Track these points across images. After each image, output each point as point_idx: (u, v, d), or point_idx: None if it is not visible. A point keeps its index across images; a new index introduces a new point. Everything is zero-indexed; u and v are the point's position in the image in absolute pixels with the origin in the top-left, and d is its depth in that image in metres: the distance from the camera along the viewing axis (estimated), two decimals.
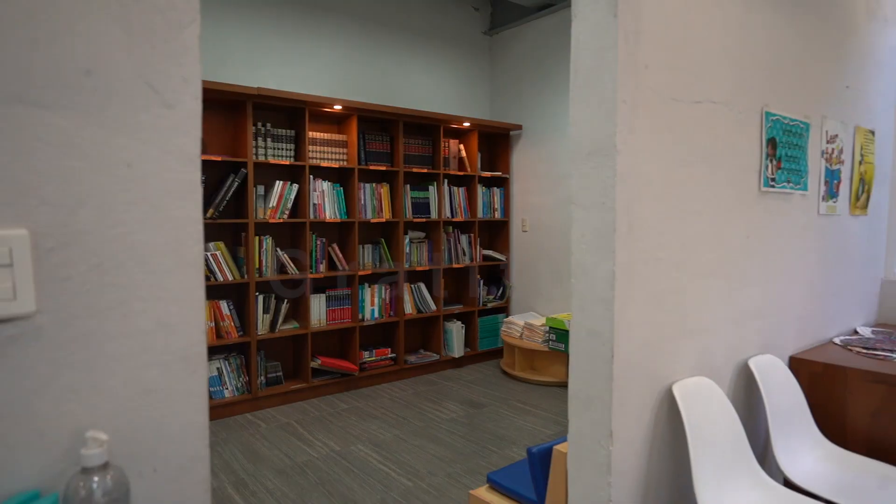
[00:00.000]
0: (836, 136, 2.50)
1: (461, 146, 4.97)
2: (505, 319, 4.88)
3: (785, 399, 2.10)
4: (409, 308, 4.64)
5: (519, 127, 5.09)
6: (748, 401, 2.10)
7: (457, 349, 4.85)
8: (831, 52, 2.43)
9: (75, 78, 0.75)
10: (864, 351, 2.33)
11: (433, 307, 4.76)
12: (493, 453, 3.19)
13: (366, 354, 4.40)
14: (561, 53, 4.73)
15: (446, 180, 4.82)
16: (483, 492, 2.14)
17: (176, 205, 0.85)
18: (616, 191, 1.54)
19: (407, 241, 4.59)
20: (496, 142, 5.30)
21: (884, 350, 2.32)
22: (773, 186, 2.13)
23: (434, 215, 4.70)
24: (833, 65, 2.45)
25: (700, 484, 1.68)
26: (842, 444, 2.13)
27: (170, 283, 0.84)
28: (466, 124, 4.80)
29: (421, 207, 4.65)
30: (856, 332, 2.73)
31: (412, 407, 3.95)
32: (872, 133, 2.80)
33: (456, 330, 4.84)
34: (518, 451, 3.23)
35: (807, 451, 2.05)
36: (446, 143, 4.81)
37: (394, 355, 4.55)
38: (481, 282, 5.18)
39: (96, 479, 0.74)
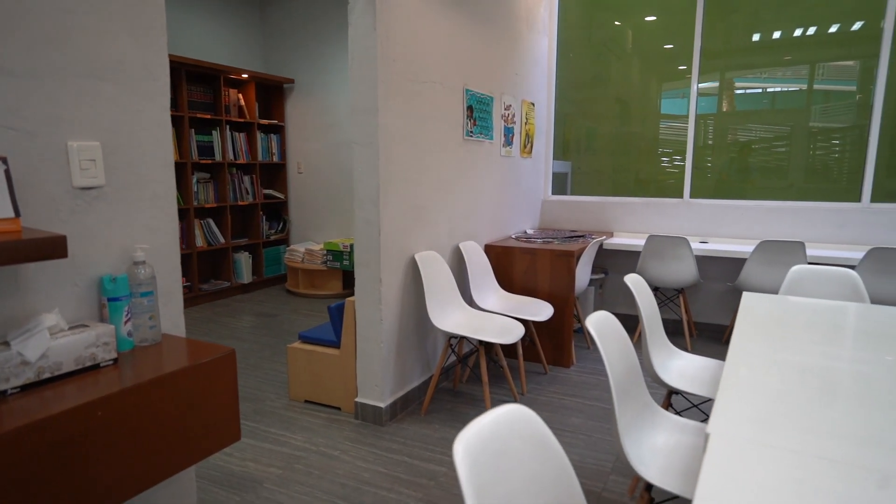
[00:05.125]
0: (511, 105, 3.95)
1: (240, 95, 5.51)
2: (287, 248, 5.72)
3: (480, 266, 3.49)
4: (199, 241, 5.15)
5: (292, 80, 5.82)
6: (459, 266, 3.44)
7: (246, 276, 5.54)
8: (506, 51, 3.83)
9: (115, 64, 1.48)
10: (526, 241, 3.88)
11: (222, 240, 5.34)
12: (294, 340, 4.12)
13: None
14: (329, 16, 5.56)
15: (228, 126, 5.35)
16: (297, 345, 3.10)
17: (162, 131, 1.62)
18: (378, 135, 2.60)
19: (195, 180, 5.06)
20: (272, 93, 5.94)
21: (538, 240, 3.90)
22: (471, 136, 3.43)
23: (218, 157, 5.22)
24: (507, 59, 3.86)
25: (431, 310, 2.91)
26: (509, 290, 3.63)
27: (160, 175, 1.62)
28: (245, 76, 5.36)
29: (206, 150, 5.13)
30: (525, 232, 4.35)
31: (213, 322, 4.61)
32: (533, 104, 4.38)
33: (244, 260, 5.52)
34: None
35: (490, 293, 3.48)
36: (227, 92, 5.31)
37: (189, 283, 5.06)
38: (264, 217, 5.89)
39: (142, 268, 1.53)
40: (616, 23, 4.67)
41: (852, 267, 3.46)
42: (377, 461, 2.44)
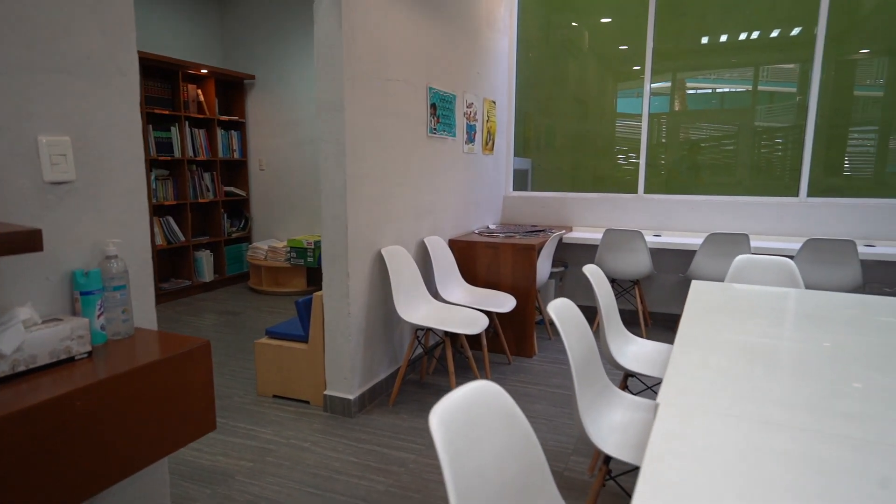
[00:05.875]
0: (472, 103, 4.05)
1: (199, 91, 5.42)
2: (250, 246, 5.67)
3: (444, 260, 3.57)
4: (159, 240, 5.06)
5: (252, 76, 5.76)
6: (424, 260, 3.51)
7: (207, 274, 5.47)
8: (468, 50, 3.91)
9: (84, 59, 1.49)
10: (489, 235, 3.99)
11: (182, 238, 5.26)
12: (260, 337, 4.11)
13: None
14: (290, 12, 5.54)
15: (187, 122, 5.26)
16: (264, 340, 3.11)
17: (132, 126, 1.63)
18: (345, 132, 2.65)
19: (154, 177, 4.96)
20: (232, 88, 5.86)
21: (500, 234, 4.01)
22: (435, 134, 3.50)
23: (178, 154, 5.14)
24: (469, 58, 3.95)
25: (398, 303, 2.98)
26: (473, 283, 3.73)
27: (131, 170, 1.63)
28: (204, 71, 5.28)
29: (165, 147, 5.04)
30: (488, 227, 4.45)
31: (175, 321, 4.55)
32: (494, 103, 4.48)
33: (205, 258, 5.45)
34: None
35: (455, 286, 3.57)
36: (185, 88, 5.23)
37: None
38: (225, 214, 5.82)
39: (114, 262, 1.55)
40: (573, 24, 4.82)
41: (791, 257, 3.69)
42: (347, 451, 2.49)
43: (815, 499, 0.84)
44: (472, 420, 1.00)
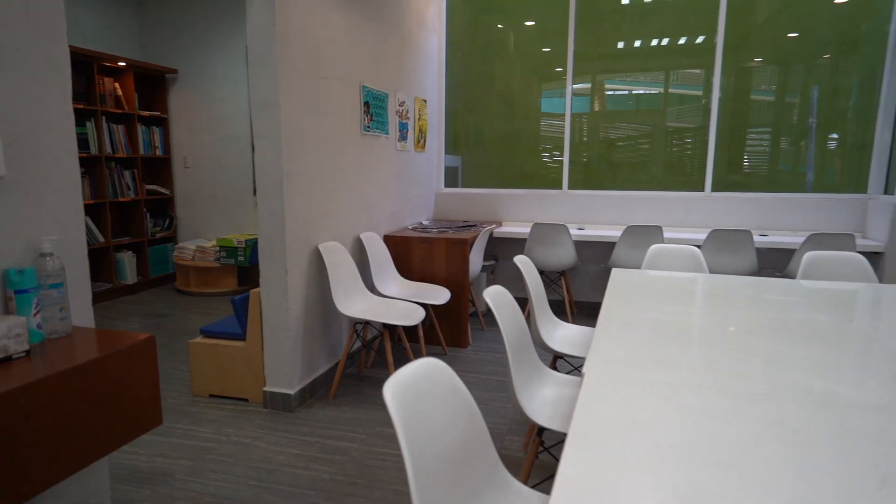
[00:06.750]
0: (404, 102, 4.14)
1: (117, 84, 5.18)
2: (176, 246, 5.48)
3: (380, 255, 3.64)
4: None
5: (175, 71, 5.56)
6: (361, 256, 3.57)
7: (130, 276, 5.25)
8: (399, 49, 4.00)
9: (14, 53, 1.46)
10: (423, 231, 4.09)
11: (101, 239, 5.01)
12: (191, 338, 4.01)
13: None
14: (209, 6, 5.39)
15: (104, 117, 5.02)
16: (200, 340, 3.07)
17: (65, 121, 1.60)
18: (280, 129, 2.67)
19: None
20: (153, 83, 5.63)
21: (434, 230, 4.12)
22: (369, 131, 3.57)
23: (94, 150, 4.89)
24: (400, 58, 4.03)
25: (336, 298, 3.03)
26: (409, 277, 3.83)
27: (64, 166, 1.61)
28: (121, 64, 5.05)
29: (80, 143, 4.78)
30: (421, 223, 4.56)
31: (98, 326, 4.34)
32: (425, 101, 4.59)
33: (127, 259, 5.22)
34: None
35: (391, 281, 3.65)
36: (101, 81, 4.98)
37: None
38: (148, 214, 5.59)
39: (49, 260, 1.53)
40: (499, 25, 5.01)
41: (698, 246, 4.05)
42: (290, 444, 2.53)
43: (711, 438, 1.00)
44: (421, 392, 1.10)
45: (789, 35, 4.39)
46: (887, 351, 1.51)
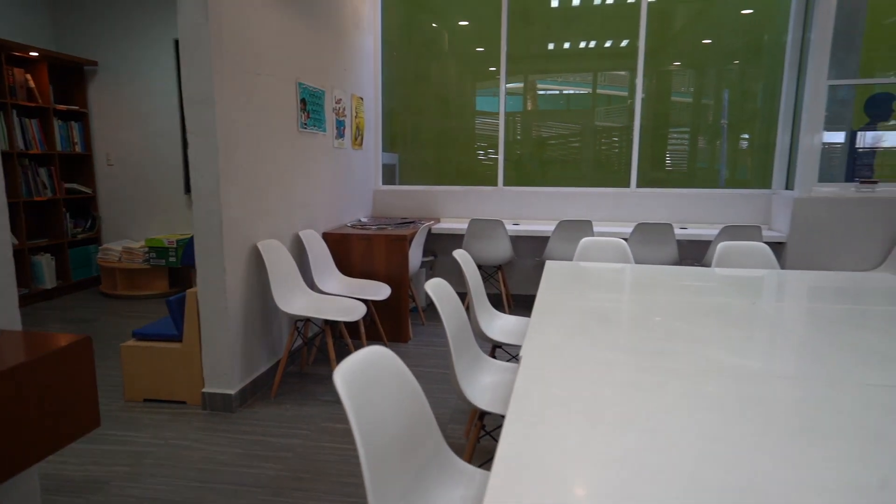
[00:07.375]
0: (341, 99, 4.14)
1: (28, 76, 4.86)
2: (100, 248, 5.22)
3: (319, 253, 3.64)
4: None
5: (94, 63, 5.28)
6: (300, 253, 3.55)
7: (49, 280, 4.95)
8: (335, 47, 3.99)
9: None
10: (361, 228, 4.11)
11: (15, 241, 4.70)
12: (122, 342, 3.85)
13: None
14: None
15: (15, 111, 4.70)
16: (132, 343, 2.97)
17: None
18: (216, 126, 2.62)
19: None
20: (70, 75, 5.32)
21: (373, 227, 4.15)
22: (306, 129, 3.55)
23: (5, 146, 4.58)
24: (336, 55, 4.03)
25: (276, 295, 3.01)
26: (349, 274, 3.84)
27: None
28: (34, 54, 4.75)
29: None
30: (360, 220, 4.57)
31: None
32: (362, 99, 4.61)
33: (45, 262, 4.92)
34: None
35: (331, 278, 3.66)
36: (11, 72, 4.66)
37: None
38: (68, 214, 5.28)
39: None
40: (433, 25, 5.08)
41: (625, 238, 4.29)
42: (233, 444, 2.50)
43: (638, 409, 1.12)
44: (369, 377, 1.16)
45: (703, 41, 4.72)
46: (787, 329, 1.70)
